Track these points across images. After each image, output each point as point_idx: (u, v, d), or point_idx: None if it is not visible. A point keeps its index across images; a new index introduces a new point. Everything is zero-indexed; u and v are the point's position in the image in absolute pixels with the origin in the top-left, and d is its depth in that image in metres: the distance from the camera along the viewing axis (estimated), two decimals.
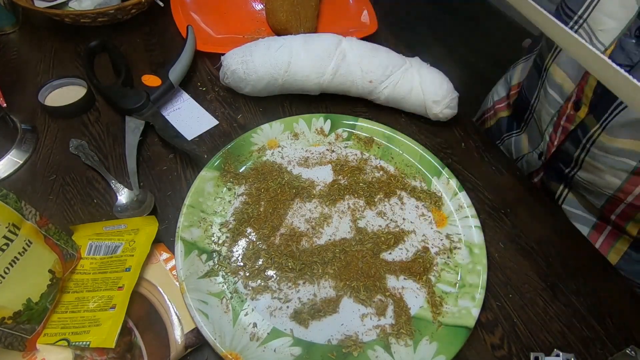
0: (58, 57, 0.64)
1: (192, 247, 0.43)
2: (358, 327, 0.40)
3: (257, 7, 0.74)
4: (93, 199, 0.49)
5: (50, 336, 0.37)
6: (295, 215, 0.48)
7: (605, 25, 0.49)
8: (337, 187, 0.50)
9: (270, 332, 0.40)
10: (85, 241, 0.43)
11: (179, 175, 0.51)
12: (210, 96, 0.60)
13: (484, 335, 0.42)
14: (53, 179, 0.50)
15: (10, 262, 0.34)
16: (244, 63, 0.55)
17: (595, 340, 0.42)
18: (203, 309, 0.39)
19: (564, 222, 0.52)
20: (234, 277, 0.43)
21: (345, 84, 0.57)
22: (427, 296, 0.43)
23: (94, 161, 0.51)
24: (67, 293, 0.40)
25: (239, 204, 0.48)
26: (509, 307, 0.44)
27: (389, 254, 0.45)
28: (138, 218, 0.45)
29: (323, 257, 0.44)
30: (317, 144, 0.55)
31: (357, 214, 0.48)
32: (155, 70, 0.60)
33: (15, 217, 0.35)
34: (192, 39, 0.62)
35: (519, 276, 0.46)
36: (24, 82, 0.60)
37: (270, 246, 0.45)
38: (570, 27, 0.54)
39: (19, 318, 0.34)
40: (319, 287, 0.43)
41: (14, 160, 0.51)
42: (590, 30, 0.51)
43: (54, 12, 0.62)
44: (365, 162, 0.53)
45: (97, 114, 0.57)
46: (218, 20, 0.71)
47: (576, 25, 0.53)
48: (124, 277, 0.40)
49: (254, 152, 0.53)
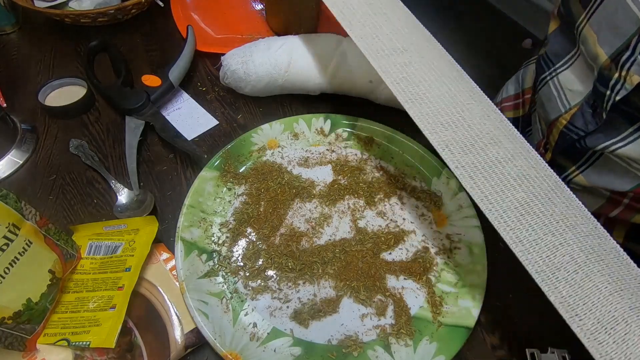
0: (58, 57, 0.64)
1: (192, 247, 0.43)
2: (358, 327, 0.40)
3: (257, 7, 0.74)
4: (93, 199, 0.49)
5: (50, 336, 0.37)
6: (295, 215, 0.48)
7: (573, 86, 0.50)
8: (337, 187, 0.50)
9: (270, 332, 0.40)
10: (85, 241, 0.43)
11: (179, 175, 0.51)
12: (210, 96, 0.60)
13: (484, 335, 0.42)
14: (53, 179, 0.50)
15: (10, 262, 0.34)
16: (244, 63, 0.55)
17: None
18: (203, 309, 0.39)
19: None
20: (234, 277, 0.43)
21: (346, 84, 0.57)
22: (427, 296, 0.43)
23: (94, 161, 0.51)
24: (67, 293, 0.40)
25: (239, 204, 0.48)
26: (509, 307, 0.44)
27: (389, 254, 0.45)
28: (138, 218, 0.45)
29: (323, 257, 0.44)
30: (317, 144, 0.55)
31: (357, 214, 0.48)
32: (155, 70, 0.60)
33: (15, 217, 0.35)
34: (192, 39, 0.63)
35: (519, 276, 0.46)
36: (24, 82, 0.60)
37: (270, 246, 0.45)
38: (544, 77, 0.56)
39: (19, 318, 0.34)
40: (319, 287, 0.43)
41: (14, 160, 0.51)
42: (559, 86, 0.52)
43: (54, 12, 0.63)
44: (365, 162, 0.53)
45: (97, 114, 0.57)
46: (218, 20, 0.71)
47: (549, 76, 0.54)
48: (124, 277, 0.40)
49: (254, 152, 0.53)
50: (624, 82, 0.40)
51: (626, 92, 0.40)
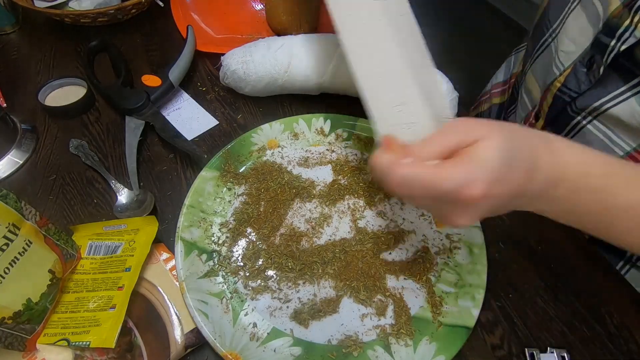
0: (58, 57, 0.64)
1: (192, 247, 0.43)
2: (358, 327, 0.40)
3: (257, 7, 0.74)
4: (93, 199, 0.49)
5: (50, 336, 0.37)
6: (295, 215, 0.48)
7: (567, 47, 0.51)
8: (337, 187, 0.50)
9: (270, 332, 0.40)
10: (85, 241, 0.43)
11: (179, 175, 0.51)
12: (210, 96, 0.60)
13: (484, 335, 0.42)
14: (53, 179, 0.50)
15: (10, 262, 0.34)
16: (244, 63, 0.55)
17: (595, 340, 0.42)
18: (203, 309, 0.39)
19: None
20: (234, 277, 0.43)
21: (346, 84, 0.57)
22: (427, 296, 0.43)
23: (94, 161, 0.51)
24: (67, 293, 0.40)
25: (239, 204, 0.48)
26: (509, 307, 0.44)
27: (389, 254, 0.45)
28: (138, 218, 0.45)
29: (323, 257, 0.44)
30: (317, 144, 0.55)
31: (357, 214, 0.48)
32: (155, 70, 0.60)
33: (15, 217, 0.35)
34: (192, 39, 0.63)
35: (519, 276, 0.46)
36: (24, 82, 0.60)
37: (270, 246, 0.45)
38: (544, 40, 0.56)
39: (19, 318, 0.34)
40: (319, 287, 0.43)
41: (14, 160, 0.51)
42: (555, 49, 0.53)
43: (54, 12, 0.63)
44: (365, 162, 0.53)
45: (97, 114, 0.57)
46: (218, 20, 0.71)
47: (550, 38, 0.55)
48: (124, 277, 0.40)
49: (254, 152, 0.53)
50: (635, 28, 0.40)
51: (635, 39, 0.40)
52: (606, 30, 0.44)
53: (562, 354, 0.40)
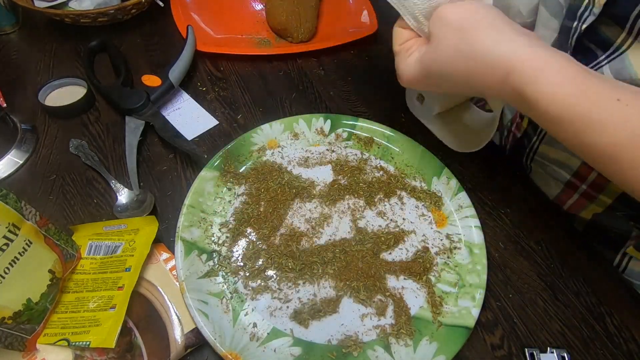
0: (58, 57, 0.64)
1: (192, 247, 0.43)
2: (358, 327, 0.40)
3: (257, 7, 0.74)
4: (93, 199, 0.49)
5: (50, 336, 0.37)
6: (295, 215, 0.48)
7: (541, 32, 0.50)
8: (337, 187, 0.50)
9: (270, 332, 0.40)
10: (85, 241, 0.43)
11: (179, 175, 0.51)
12: (210, 96, 0.60)
13: (484, 335, 0.42)
14: (53, 179, 0.50)
15: (10, 262, 0.34)
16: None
17: (595, 340, 0.42)
18: (203, 309, 0.39)
19: (564, 222, 0.51)
20: (234, 277, 0.43)
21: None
22: (427, 296, 0.43)
23: (94, 161, 0.51)
24: (67, 293, 0.40)
25: (239, 204, 0.48)
26: (509, 307, 0.44)
27: (389, 254, 0.45)
28: (138, 218, 0.45)
29: (323, 257, 0.44)
30: (317, 144, 0.55)
31: (357, 214, 0.48)
32: (155, 70, 0.60)
33: (15, 217, 0.35)
34: (192, 39, 0.63)
35: (519, 276, 0.46)
36: (24, 82, 0.60)
37: (270, 246, 0.45)
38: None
39: (19, 318, 0.34)
40: (319, 287, 0.43)
41: (14, 160, 0.51)
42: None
43: (54, 12, 0.62)
44: (365, 162, 0.53)
45: (97, 114, 0.57)
46: (218, 20, 0.71)
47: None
48: (124, 277, 0.40)
49: (254, 152, 0.53)
50: (593, 6, 0.39)
51: (594, 17, 0.39)
52: (569, 14, 0.43)
53: (562, 354, 0.40)
